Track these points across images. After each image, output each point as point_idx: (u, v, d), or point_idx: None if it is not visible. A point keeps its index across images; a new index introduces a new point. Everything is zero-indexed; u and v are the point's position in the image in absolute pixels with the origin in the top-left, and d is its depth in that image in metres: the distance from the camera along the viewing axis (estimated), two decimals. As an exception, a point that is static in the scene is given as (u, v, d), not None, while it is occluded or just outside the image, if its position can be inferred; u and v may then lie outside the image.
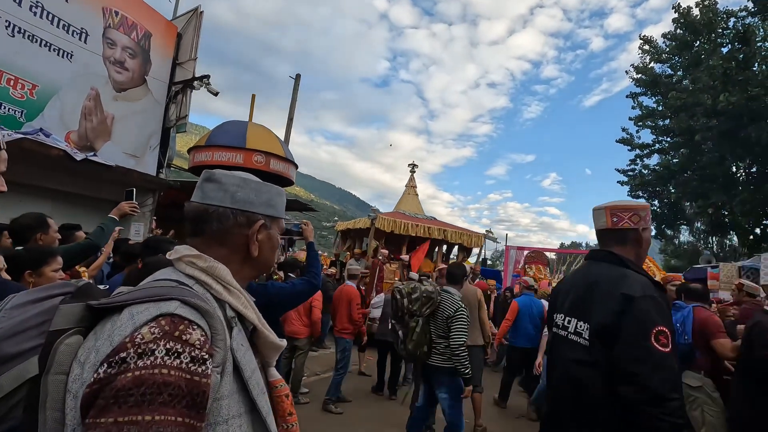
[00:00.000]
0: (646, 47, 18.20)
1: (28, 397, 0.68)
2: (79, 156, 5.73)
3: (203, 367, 0.64)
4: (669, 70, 17.91)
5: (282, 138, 11.75)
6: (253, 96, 8.05)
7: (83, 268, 3.12)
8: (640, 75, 18.36)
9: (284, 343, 0.93)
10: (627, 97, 19.25)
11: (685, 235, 22.79)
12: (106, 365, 0.60)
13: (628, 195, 20.06)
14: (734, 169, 17.01)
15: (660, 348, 1.33)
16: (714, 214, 17.13)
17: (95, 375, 0.60)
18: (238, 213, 0.87)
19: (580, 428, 1.48)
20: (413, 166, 11.95)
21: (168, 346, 0.62)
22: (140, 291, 0.72)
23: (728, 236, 19.40)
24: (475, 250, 11.97)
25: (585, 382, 1.48)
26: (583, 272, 1.74)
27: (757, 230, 17.07)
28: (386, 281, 8.65)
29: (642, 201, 18.29)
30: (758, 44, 14.65)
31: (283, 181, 7.78)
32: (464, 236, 10.74)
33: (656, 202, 19.46)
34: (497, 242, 12.19)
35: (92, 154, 6.27)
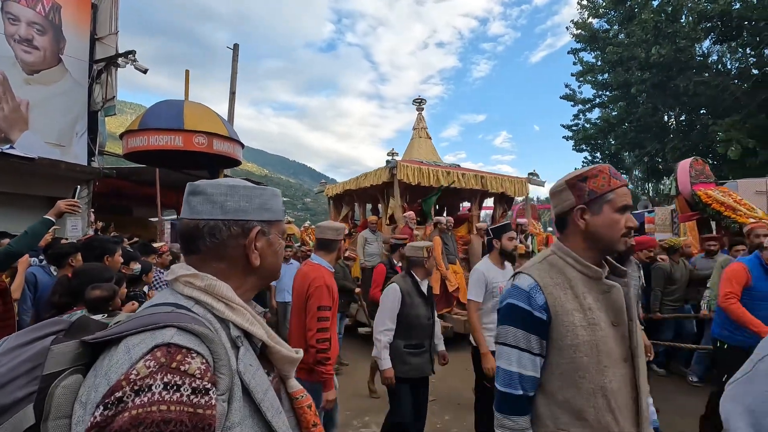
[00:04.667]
0: (585, 2, 18.56)
1: None
2: (-8, 150, 5.17)
3: (206, 398, 0.61)
4: (606, 25, 18.44)
5: (225, 115, 11.14)
6: (187, 72, 7.48)
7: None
8: (579, 31, 18.80)
9: (300, 355, 0.89)
10: (568, 53, 19.75)
11: (625, 184, 24.28)
12: (102, 407, 0.57)
13: (573, 149, 21.02)
14: (666, 118, 18.14)
15: None
16: (649, 162, 18.36)
17: (92, 419, 0.57)
18: (231, 224, 0.81)
19: None
20: (420, 102, 9.53)
21: (166, 379, 0.59)
22: (136, 320, 0.68)
23: (662, 181, 20.91)
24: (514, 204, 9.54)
25: None
26: None
27: (687, 174, 18.52)
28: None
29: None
30: (685, -4, 15.35)
31: (230, 162, 7.45)
32: (506, 183, 8.56)
33: (598, 155, 20.51)
34: (543, 186, 9.57)
35: (8, 147, 5.68)
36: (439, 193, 7.60)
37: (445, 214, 9.41)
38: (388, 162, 7.29)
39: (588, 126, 19.97)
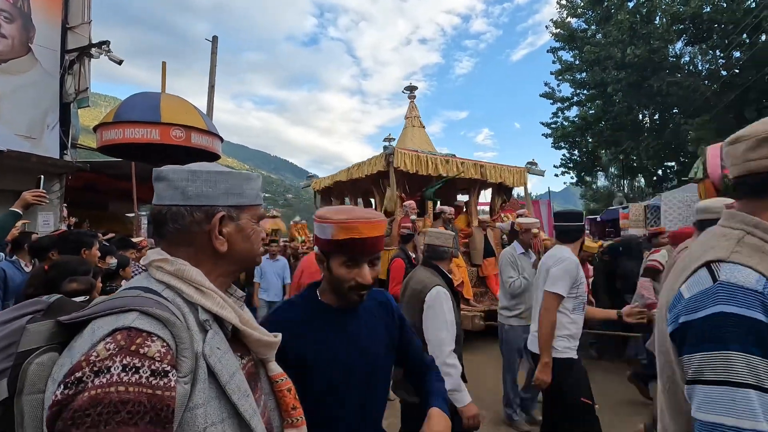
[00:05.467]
0: (564, 2, 18.90)
1: (1, 420, 0.67)
2: (-43, 142, 4.98)
3: (165, 380, 0.63)
4: (584, 24, 18.83)
5: (205, 108, 10.93)
6: (164, 64, 7.31)
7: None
8: (558, 30, 19.14)
9: (276, 339, 0.88)
10: (548, 51, 20.11)
11: (601, 180, 24.95)
12: (63, 386, 0.59)
13: (552, 146, 21.44)
14: (641, 117, 18.67)
15: None
16: (624, 160, 18.89)
17: (54, 397, 0.59)
18: (193, 209, 0.80)
19: None
20: (411, 90, 8.99)
21: (125, 361, 0.60)
22: (107, 302, 0.70)
23: (636, 179, 21.55)
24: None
25: None
26: None
27: (660, 171, 19.12)
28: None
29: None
30: (659, -2, 15.81)
31: (209, 156, 7.34)
32: (505, 172, 8.20)
33: (576, 152, 20.98)
34: (542, 176, 9.10)
35: (-25, 138, 5.47)
36: (445, 181, 7.21)
37: (439, 205, 8.95)
38: (384, 148, 6.83)
39: (566, 124, 20.39)
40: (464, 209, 8.49)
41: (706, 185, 6.76)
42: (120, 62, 7.14)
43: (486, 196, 8.99)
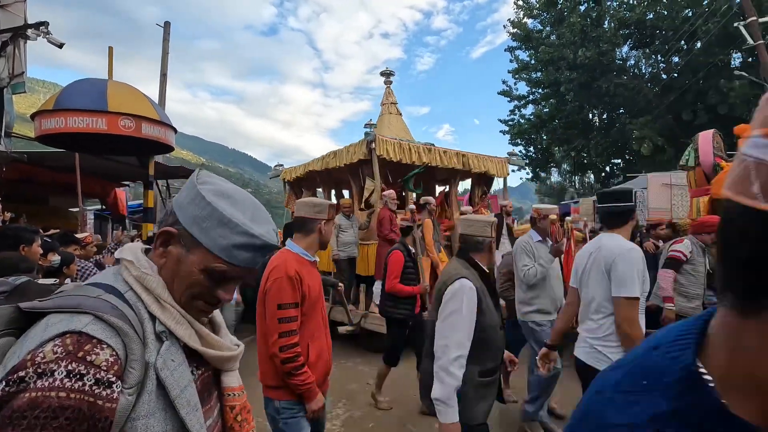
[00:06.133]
0: (520, 2, 19.49)
1: None
2: None
3: (108, 391, 0.62)
4: (539, 25, 19.52)
5: (156, 97, 10.40)
6: (111, 49, 6.88)
7: None
8: (515, 30, 19.73)
9: (233, 353, 0.87)
10: (505, 50, 20.70)
11: (555, 176, 26.13)
12: (4, 383, 0.58)
13: (509, 143, 22.16)
14: (591, 116, 19.67)
15: None
16: (576, 157, 19.85)
17: None
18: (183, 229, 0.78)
19: None
20: (388, 75, 8.45)
21: (70, 367, 0.60)
22: (67, 297, 0.69)
23: (586, 175, 22.73)
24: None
25: None
26: None
27: (608, 168, 20.27)
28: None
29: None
30: (608, 3, 16.67)
31: (162, 148, 7.01)
32: (487, 162, 7.82)
33: (532, 149, 21.81)
34: (524, 168, 8.60)
35: None
36: (422, 169, 6.93)
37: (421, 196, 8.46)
38: (366, 134, 6.34)
39: (522, 121, 21.11)
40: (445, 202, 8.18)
41: (697, 173, 6.63)
42: (60, 45, 6.65)
43: (464, 187, 8.70)
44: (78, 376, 0.60)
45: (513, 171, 21.08)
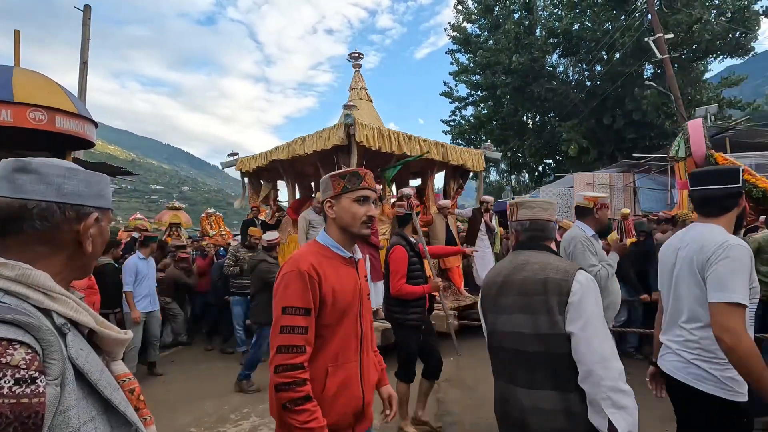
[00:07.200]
0: (460, 7, 20.16)
1: None
2: None
3: (33, 387, 0.61)
4: (478, 30, 20.32)
5: (75, 87, 9.51)
6: (17, 32, 6.18)
7: None
8: (455, 33, 20.38)
9: (128, 335, 0.88)
10: (446, 53, 21.33)
11: (493, 175, 27.34)
12: None
13: (450, 142, 22.85)
14: (525, 119, 20.82)
15: None
16: (512, 157, 20.92)
17: None
18: (66, 207, 0.79)
19: None
20: (357, 58, 8.03)
21: None
22: None
23: (521, 174, 24.04)
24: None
25: None
26: None
27: (540, 168, 21.59)
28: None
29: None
30: (539, 13, 17.75)
31: (80, 143, 6.43)
32: (465, 154, 7.55)
33: (472, 148, 22.68)
34: (500, 161, 8.46)
35: None
36: (406, 162, 6.64)
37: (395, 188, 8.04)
38: (345, 117, 5.80)
39: (463, 122, 21.88)
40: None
41: (688, 163, 6.39)
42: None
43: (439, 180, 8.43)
44: None
45: (491, 166, 21.26)
